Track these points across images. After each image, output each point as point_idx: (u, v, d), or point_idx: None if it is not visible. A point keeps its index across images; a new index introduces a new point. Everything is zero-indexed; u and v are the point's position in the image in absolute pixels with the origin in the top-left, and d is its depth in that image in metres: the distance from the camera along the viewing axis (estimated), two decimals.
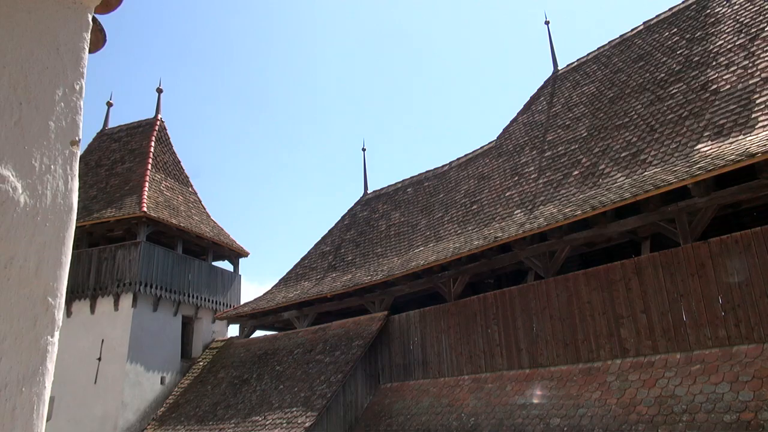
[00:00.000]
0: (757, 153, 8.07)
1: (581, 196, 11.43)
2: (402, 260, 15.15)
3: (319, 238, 19.82)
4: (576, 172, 12.26)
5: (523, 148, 14.74)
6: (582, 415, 9.24)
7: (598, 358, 10.03)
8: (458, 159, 17.39)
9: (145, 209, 16.76)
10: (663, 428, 8.13)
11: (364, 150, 21.13)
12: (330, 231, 19.89)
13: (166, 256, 17.64)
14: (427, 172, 18.47)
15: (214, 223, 20.29)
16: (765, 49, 10.32)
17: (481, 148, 16.67)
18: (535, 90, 16.34)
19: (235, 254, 20.54)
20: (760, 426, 7.26)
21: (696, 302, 8.98)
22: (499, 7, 50.70)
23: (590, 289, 10.48)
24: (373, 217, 18.75)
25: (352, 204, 20.36)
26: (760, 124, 9.18)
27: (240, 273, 20.83)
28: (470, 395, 11.62)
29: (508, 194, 13.86)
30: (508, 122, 16.28)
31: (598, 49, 15.22)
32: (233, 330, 35.57)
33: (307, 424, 12.26)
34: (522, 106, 16.27)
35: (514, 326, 11.65)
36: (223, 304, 19.65)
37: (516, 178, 14.06)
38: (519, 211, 12.93)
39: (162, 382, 16.89)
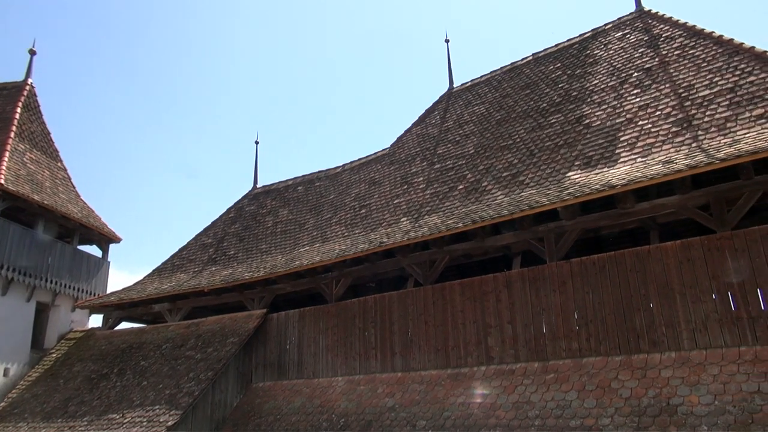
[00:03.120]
0: (618, 185, 8.97)
1: (464, 209, 11.99)
2: (286, 258, 14.95)
3: (201, 230, 19.02)
4: (461, 187, 12.85)
5: (415, 159, 15.19)
6: (447, 417, 9.67)
7: (465, 365, 10.56)
8: (351, 162, 17.53)
9: (2, 181, 15.09)
10: None
11: (257, 143, 20.65)
12: (213, 223, 19.15)
13: (23, 235, 15.98)
14: (319, 172, 18.42)
15: (84, 203, 18.73)
16: (631, 92, 11.51)
17: (374, 154, 16.94)
18: (431, 104, 16.92)
19: (105, 239, 19.09)
20: (599, 430, 8.03)
21: (555, 316, 9.76)
22: (405, 20, 51.96)
23: (464, 298, 11.01)
24: (261, 213, 18.34)
25: (240, 197, 19.79)
26: (622, 159, 10.22)
27: (109, 260, 19.40)
28: (342, 396, 11.71)
29: (396, 201, 14.20)
30: (403, 132, 16.71)
31: (491, 73, 16.10)
32: (96, 320, 32.93)
33: (169, 423, 11.66)
34: (417, 118, 16.77)
35: (390, 330, 11.93)
36: (87, 292, 18.17)
37: (405, 186, 14.45)
38: (405, 219, 13.30)
39: (5, 374, 15.27)
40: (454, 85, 16.98)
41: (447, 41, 17.84)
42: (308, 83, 55.41)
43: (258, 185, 19.94)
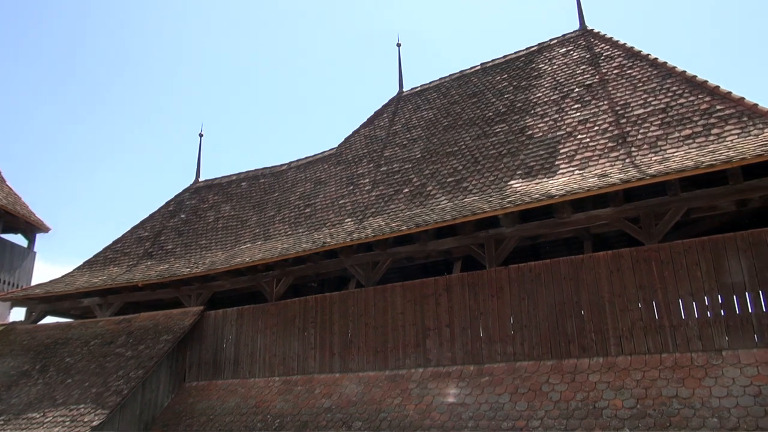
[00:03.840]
0: (556, 195, 9.30)
1: (408, 213, 12.11)
2: (227, 255, 14.64)
3: (138, 222, 18.35)
4: (406, 190, 12.97)
5: (362, 160, 15.22)
6: (383, 419, 9.73)
7: (403, 366, 10.66)
8: (298, 160, 17.37)
9: None
10: None
11: (201, 135, 20.13)
12: (151, 215, 18.51)
13: None
14: (264, 168, 18.14)
15: (10, 189, 17.71)
16: (572, 107, 11.97)
17: (321, 153, 16.85)
18: (380, 106, 17.01)
19: (31, 228, 18.12)
20: None
21: (492, 321, 10.01)
22: (358, 21, 51.97)
23: (405, 300, 11.12)
24: (202, 207, 17.88)
25: (181, 190, 19.22)
26: (561, 171, 10.61)
27: (35, 250, 18.42)
28: (279, 397, 11.58)
29: (341, 202, 14.18)
30: (351, 132, 16.71)
31: (440, 79, 16.35)
32: (18, 314, 31.16)
33: (94, 423, 11.18)
34: (366, 120, 16.80)
35: (330, 331, 11.90)
36: (9, 283, 17.19)
37: (351, 187, 14.45)
38: (350, 219, 13.29)
39: None
40: (404, 89, 17.14)
41: (399, 45, 17.99)
42: (257, 79, 54.50)
43: (200, 179, 19.44)
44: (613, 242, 10.99)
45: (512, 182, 11.08)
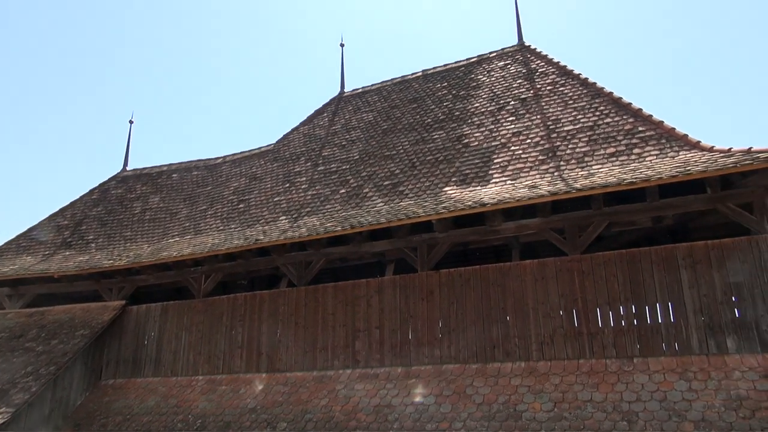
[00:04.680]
0: (488, 203, 9.58)
1: (344, 213, 12.11)
2: (153, 248, 14.09)
3: (57, 210, 17.33)
4: (343, 191, 12.96)
5: (299, 158, 15.08)
6: (308, 420, 9.66)
7: (332, 367, 10.64)
8: (233, 155, 16.98)
9: None
10: None
11: (131, 122, 19.28)
12: (72, 203, 17.54)
13: None
14: (197, 161, 17.61)
15: None
16: (507, 119, 12.36)
17: (258, 149, 16.55)
18: (321, 105, 16.91)
19: None
20: None
21: (421, 324, 10.17)
22: (302, 18, 51.42)
23: (336, 301, 11.11)
24: (128, 197, 17.13)
25: (107, 178, 18.33)
26: (494, 180, 10.94)
27: None
28: (202, 396, 11.26)
29: (276, 199, 13.98)
30: (290, 130, 16.51)
31: (382, 83, 16.46)
32: None
33: None
34: (305, 118, 16.66)
35: (259, 330, 11.70)
36: None
37: (287, 185, 14.28)
38: (284, 217, 13.14)
39: None
40: (345, 90, 17.12)
41: (342, 45, 17.97)
42: (195, 70, 52.78)
43: (128, 168, 18.62)
44: (539, 251, 11.43)
45: (447, 189, 11.31)
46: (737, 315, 8.20)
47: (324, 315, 11.14)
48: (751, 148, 8.50)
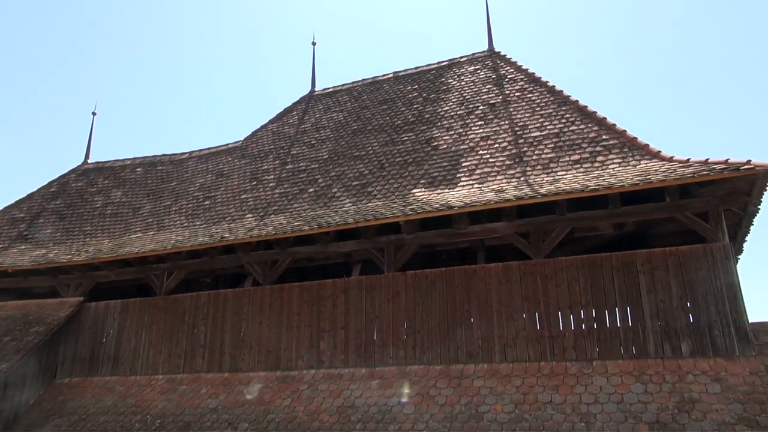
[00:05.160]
0: (455, 206, 9.68)
1: (311, 213, 12.05)
2: (114, 244, 13.75)
3: (13, 202, 16.73)
4: (311, 190, 12.90)
5: (267, 156, 14.93)
6: (270, 420, 9.57)
7: (295, 367, 10.57)
8: (200, 150, 16.71)
9: None
10: None
11: (94, 114, 18.77)
12: (29, 195, 16.95)
13: None
14: (163, 155, 17.27)
15: None
16: (476, 123, 12.50)
17: (225, 145, 16.32)
18: (291, 103, 16.78)
19: None
20: None
21: (386, 325, 10.20)
22: (275, 15, 50.92)
23: (302, 301, 11.04)
24: (89, 191, 16.66)
25: (67, 171, 17.79)
26: (462, 183, 11.05)
27: None
28: (161, 396, 11.04)
29: (243, 197, 13.81)
30: (258, 127, 16.33)
31: (353, 83, 16.44)
32: None
33: None
34: (275, 115, 16.51)
35: (222, 329, 11.54)
36: None
37: (254, 182, 14.12)
38: (251, 215, 12.99)
39: None
40: (316, 89, 17.04)
41: (314, 44, 17.88)
42: (163, 64, 51.72)
43: (90, 161, 18.11)
44: (504, 255, 11.59)
45: (415, 190, 11.37)
46: (691, 320, 8.49)
47: (289, 315, 11.06)
48: (707, 159, 8.80)
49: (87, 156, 18.16)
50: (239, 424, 9.70)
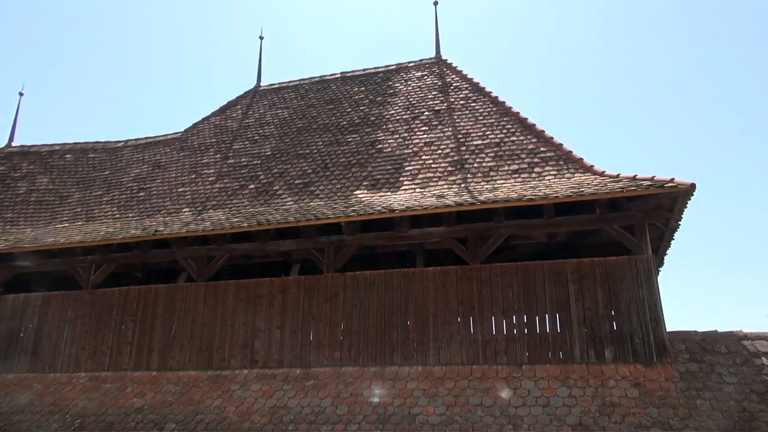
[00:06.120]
0: (397, 210, 9.77)
1: (251, 209, 11.84)
2: (37, 233, 13.01)
3: None
4: (252, 186, 12.67)
5: (208, 149, 14.56)
6: (199, 420, 9.33)
7: (228, 367, 10.35)
8: (137, 140, 16.07)
9: None
10: None
11: (21, 94, 17.70)
12: None
13: None
14: (95, 142, 16.49)
15: None
16: (421, 128, 12.67)
17: (164, 135, 15.78)
18: (235, 97, 16.43)
19: None
20: None
21: (323, 325, 10.16)
22: (222, 7, 49.66)
23: (238, 299, 10.83)
24: (12, 176, 15.69)
25: None
26: (404, 187, 11.16)
27: None
28: (83, 395, 10.53)
29: (181, 190, 13.41)
30: (200, 119, 15.89)
31: (300, 80, 16.28)
32: None
33: None
34: (218, 108, 16.11)
35: (152, 326, 11.15)
36: None
37: (193, 176, 13.74)
38: (188, 210, 12.63)
39: None
40: (262, 84, 16.77)
41: (261, 38, 17.58)
42: (101, 48, 49.37)
43: (14, 143, 17.06)
44: (442, 259, 11.79)
45: (358, 192, 11.39)
46: (615, 328, 8.93)
47: (224, 313, 10.82)
48: (636, 175, 9.29)
49: (11, 138, 17.09)
50: (166, 425, 9.39)
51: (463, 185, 10.75)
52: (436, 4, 15.82)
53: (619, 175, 9.67)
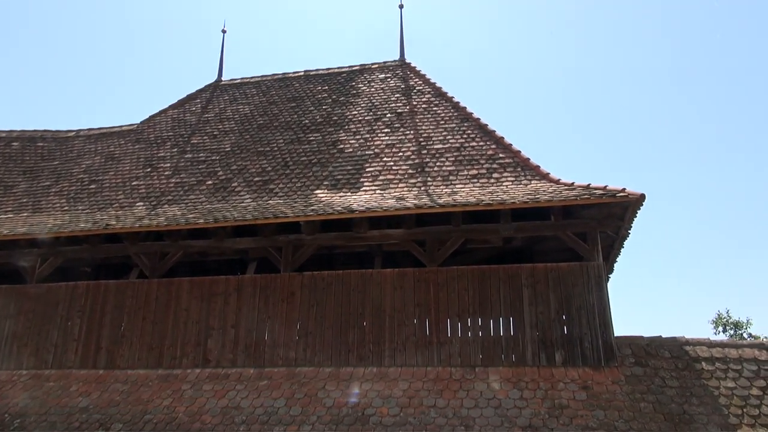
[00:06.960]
0: (356, 210, 9.77)
1: (208, 206, 11.62)
2: None
3: None
4: (209, 182, 12.44)
5: (165, 143, 14.21)
6: (147, 421, 9.09)
7: (179, 366, 10.12)
8: (89, 130, 15.54)
9: None
10: None
11: None
12: None
13: None
14: (45, 131, 15.85)
15: None
16: (383, 130, 12.71)
17: (119, 126, 15.31)
18: (195, 90, 16.09)
19: None
20: None
21: (279, 325, 10.06)
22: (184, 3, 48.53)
23: (192, 297, 10.61)
24: None
25: None
26: (364, 188, 11.18)
27: None
28: (24, 393, 10.10)
29: (135, 183, 13.04)
30: (157, 111, 15.50)
31: (262, 76, 16.08)
32: None
33: None
34: (176, 101, 15.75)
35: (100, 323, 10.80)
36: None
37: (149, 169, 13.38)
38: (142, 204, 12.29)
39: None
40: (223, 78, 16.48)
41: (224, 32, 17.30)
42: (57, 30, 47.48)
43: None
44: (400, 261, 11.86)
45: (318, 191, 11.34)
46: (565, 332, 9.18)
47: (177, 310, 10.58)
48: (590, 184, 9.58)
49: None
50: (112, 425, 9.11)
51: (423, 188, 10.84)
52: (401, 7, 15.94)
53: (573, 183, 9.94)
